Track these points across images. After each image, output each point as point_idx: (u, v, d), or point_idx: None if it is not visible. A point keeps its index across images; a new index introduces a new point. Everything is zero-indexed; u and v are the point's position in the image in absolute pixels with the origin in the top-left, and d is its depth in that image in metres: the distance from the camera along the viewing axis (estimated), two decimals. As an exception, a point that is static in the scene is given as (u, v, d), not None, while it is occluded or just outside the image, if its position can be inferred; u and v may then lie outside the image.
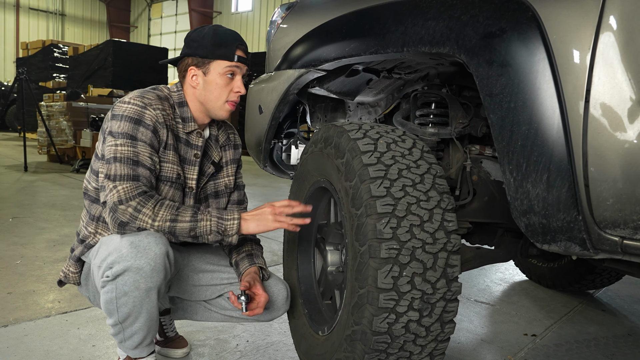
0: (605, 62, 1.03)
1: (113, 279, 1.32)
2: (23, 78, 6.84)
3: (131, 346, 1.43)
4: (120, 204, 1.34)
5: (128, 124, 1.40)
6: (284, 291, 1.62)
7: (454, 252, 1.29)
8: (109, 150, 1.39)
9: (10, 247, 3.02)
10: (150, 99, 1.46)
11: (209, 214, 1.39)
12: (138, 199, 1.34)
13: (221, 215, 1.41)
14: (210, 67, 1.49)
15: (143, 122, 1.41)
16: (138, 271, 1.31)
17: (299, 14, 1.93)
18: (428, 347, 1.31)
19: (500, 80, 1.17)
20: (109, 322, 1.40)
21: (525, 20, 1.14)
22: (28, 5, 23.93)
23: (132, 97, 1.45)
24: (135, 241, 1.33)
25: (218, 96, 1.51)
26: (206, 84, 1.50)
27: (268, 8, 20.06)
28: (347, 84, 1.88)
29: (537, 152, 1.12)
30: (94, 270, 1.44)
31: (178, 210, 1.37)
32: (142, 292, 1.33)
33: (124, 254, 1.31)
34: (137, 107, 1.43)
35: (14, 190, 5.04)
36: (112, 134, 1.40)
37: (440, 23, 1.31)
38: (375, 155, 1.33)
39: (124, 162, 1.37)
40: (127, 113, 1.42)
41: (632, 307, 2.63)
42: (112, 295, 1.34)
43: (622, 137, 1.02)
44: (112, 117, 1.43)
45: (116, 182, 1.35)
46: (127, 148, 1.39)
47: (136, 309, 1.35)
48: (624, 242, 1.06)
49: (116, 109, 1.44)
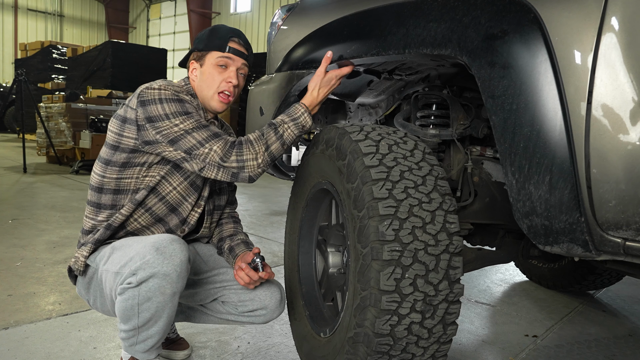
0: (607, 64, 1.03)
1: (137, 285, 1.32)
2: (22, 79, 6.84)
3: (142, 349, 1.43)
4: (224, 161, 1.43)
5: (174, 104, 1.44)
6: (278, 293, 1.62)
7: (456, 253, 1.29)
8: (170, 132, 1.42)
9: (10, 248, 3.02)
10: (179, 87, 1.52)
11: (284, 124, 1.50)
12: (235, 151, 1.43)
13: (292, 116, 1.52)
14: (206, 59, 1.56)
15: (185, 101, 1.47)
16: (165, 277, 1.33)
17: (300, 15, 1.93)
18: (430, 349, 1.31)
19: (503, 82, 1.17)
20: (123, 327, 1.40)
21: (527, 22, 1.14)
22: (26, 6, 23.91)
23: (160, 85, 1.48)
24: (161, 247, 1.34)
25: (209, 85, 1.55)
26: (202, 74, 1.56)
27: (267, 9, 20.07)
28: (348, 85, 1.88)
29: (539, 153, 1.12)
30: (106, 276, 1.42)
31: (265, 137, 1.47)
32: (167, 297, 1.35)
33: (149, 260, 1.32)
34: (171, 91, 1.47)
35: (13, 191, 5.03)
36: (161, 118, 1.42)
37: (442, 25, 1.31)
38: (377, 157, 1.33)
39: (197, 130, 1.43)
40: (165, 96, 1.45)
41: (632, 307, 2.64)
42: (133, 301, 1.34)
43: (625, 139, 1.02)
44: (145, 103, 1.44)
45: (206, 146, 1.42)
46: (189, 121, 1.44)
47: (158, 314, 1.36)
48: (626, 244, 1.06)
49: (147, 95, 1.45)
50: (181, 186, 1.53)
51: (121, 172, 1.49)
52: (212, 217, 1.67)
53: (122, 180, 1.50)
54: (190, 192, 1.56)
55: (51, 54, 12.15)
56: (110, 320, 2.04)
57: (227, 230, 1.71)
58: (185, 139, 1.42)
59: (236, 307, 1.61)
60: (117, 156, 1.48)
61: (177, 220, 1.56)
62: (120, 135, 1.47)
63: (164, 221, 1.55)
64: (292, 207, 1.84)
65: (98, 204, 1.53)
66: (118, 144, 1.48)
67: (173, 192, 1.53)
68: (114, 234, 1.52)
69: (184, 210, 1.56)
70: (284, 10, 2.05)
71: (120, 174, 1.49)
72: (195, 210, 1.59)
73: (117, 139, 1.48)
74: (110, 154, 1.50)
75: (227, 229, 1.71)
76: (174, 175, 1.52)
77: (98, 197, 1.53)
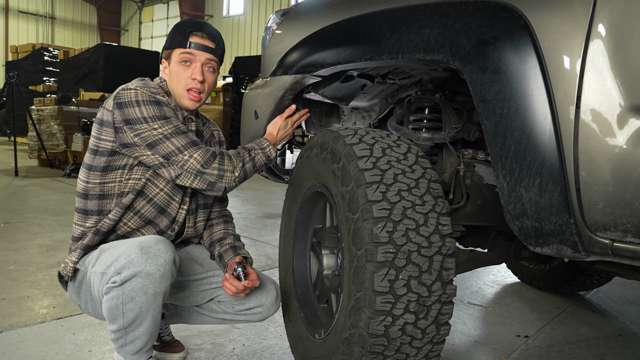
0: (595, 69, 1.06)
1: (120, 284, 1.32)
2: (13, 82, 6.80)
3: (131, 351, 1.43)
4: (205, 169, 1.45)
5: (152, 107, 1.44)
6: (274, 291, 1.63)
7: (449, 255, 1.31)
8: (149, 135, 1.42)
9: (3, 252, 3.01)
10: (154, 87, 1.51)
11: (254, 150, 1.60)
12: (217, 160, 1.47)
13: (260, 146, 1.62)
14: (172, 57, 1.55)
15: (162, 103, 1.46)
16: (147, 277, 1.32)
17: (294, 20, 1.95)
18: (424, 349, 1.33)
19: (494, 87, 1.20)
20: (111, 328, 1.40)
21: (517, 28, 1.16)
22: (17, 8, 23.74)
23: (137, 85, 1.47)
24: (146, 247, 1.34)
25: (177, 84, 1.55)
26: (170, 73, 1.56)
27: (259, 12, 20.10)
28: (342, 89, 1.90)
29: (529, 157, 1.15)
30: (93, 278, 1.43)
31: (241, 156, 1.55)
32: (149, 298, 1.34)
33: (133, 259, 1.32)
34: (147, 92, 1.46)
35: (5, 195, 5.00)
36: (139, 121, 1.42)
37: (435, 30, 1.33)
38: (371, 160, 1.35)
39: (176, 136, 1.44)
40: (142, 97, 1.44)
41: (622, 308, 2.67)
42: (118, 301, 1.33)
43: (612, 142, 1.05)
44: (122, 105, 1.43)
45: (185, 153, 1.44)
46: (168, 126, 1.44)
47: (142, 314, 1.36)
48: (614, 245, 1.08)
49: (123, 96, 1.44)
50: (167, 187, 1.54)
51: (103, 176, 1.49)
52: (196, 216, 1.65)
53: (106, 185, 1.50)
54: (176, 191, 1.56)
55: (43, 57, 12.08)
56: (104, 324, 2.04)
57: (217, 234, 1.69)
58: (163, 144, 1.43)
59: (232, 306, 1.61)
60: (97, 160, 1.48)
61: (167, 221, 1.56)
62: (98, 139, 1.47)
63: (154, 223, 1.55)
64: (286, 210, 1.85)
65: (85, 210, 1.52)
66: (97, 148, 1.48)
67: (160, 194, 1.53)
68: (104, 238, 1.52)
69: (173, 209, 1.56)
70: (279, 14, 2.07)
71: (103, 179, 1.49)
72: (182, 208, 1.59)
73: (96, 143, 1.48)
74: (91, 158, 1.50)
75: (217, 232, 1.69)
76: (159, 176, 1.52)
77: (84, 204, 1.52)
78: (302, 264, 1.81)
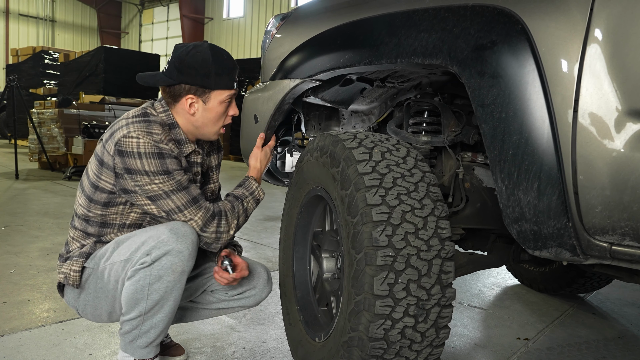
0: (593, 73, 1.07)
1: (150, 264, 1.38)
2: (13, 85, 6.81)
3: (143, 344, 1.46)
4: (204, 232, 1.49)
5: (154, 161, 1.41)
6: (264, 272, 1.69)
7: (448, 258, 1.31)
8: (150, 189, 1.42)
9: (4, 256, 3.01)
10: (157, 132, 1.44)
11: (246, 198, 1.61)
12: (214, 223, 1.49)
13: (249, 190, 1.64)
14: (211, 96, 1.51)
15: (165, 154, 1.43)
16: (178, 254, 1.39)
17: (294, 24, 1.96)
18: (423, 353, 1.33)
19: (492, 91, 1.21)
20: (128, 316, 1.43)
21: (515, 32, 1.17)
22: (18, 11, 23.77)
23: (139, 132, 1.41)
24: (174, 228, 1.41)
25: (216, 122, 1.56)
26: (206, 112, 1.52)
27: (259, 14, 20.12)
28: (341, 93, 1.90)
29: (528, 160, 1.16)
30: (113, 268, 1.45)
31: (236, 211, 1.56)
32: (177, 276, 1.40)
33: (164, 239, 1.38)
34: (151, 141, 1.41)
35: (5, 198, 5.01)
36: (141, 173, 1.40)
37: (433, 35, 1.34)
38: (370, 164, 1.36)
39: (177, 193, 1.44)
40: (145, 149, 1.40)
41: (622, 310, 2.68)
42: (145, 282, 1.39)
43: (610, 146, 1.05)
44: (124, 154, 1.40)
45: (185, 213, 1.46)
46: (170, 182, 1.43)
47: (166, 295, 1.41)
48: (612, 248, 1.09)
49: (125, 145, 1.40)
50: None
51: (105, 209, 1.51)
52: None
53: (107, 216, 1.52)
54: None
55: (43, 60, 12.09)
56: (105, 327, 2.05)
57: None
58: (164, 200, 1.44)
59: (225, 292, 1.65)
60: (97, 195, 1.49)
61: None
62: (98, 177, 1.47)
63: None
64: (286, 213, 1.86)
65: (85, 232, 1.54)
66: (97, 184, 1.48)
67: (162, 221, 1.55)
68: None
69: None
70: (278, 18, 2.08)
71: (104, 211, 1.51)
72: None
73: (96, 179, 1.48)
74: (92, 192, 1.50)
75: None
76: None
77: (84, 227, 1.54)
78: (302, 267, 1.81)
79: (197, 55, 1.47)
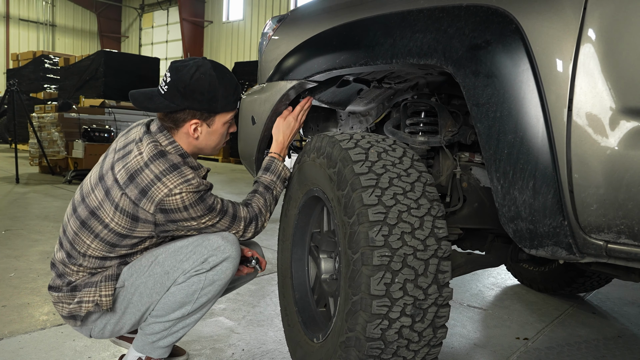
0: (587, 72, 1.07)
1: (208, 270, 1.43)
2: (14, 89, 6.83)
3: (167, 343, 1.51)
4: (244, 235, 1.57)
5: (199, 207, 1.43)
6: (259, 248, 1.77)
7: (445, 258, 1.32)
8: (198, 227, 1.47)
9: (4, 259, 3.02)
10: (190, 174, 1.42)
11: (274, 184, 1.67)
12: (252, 226, 1.57)
13: (276, 174, 1.69)
14: (216, 119, 1.51)
15: (204, 194, 1.45)
16: (233, 260, 1.47)
17: (290, 26, 1.97)
18: (421, 352, 1.33)
19: (486, 91, 1.21)
20: (165, 319, 1.46)
21: (509, 32, 1.18)
22: (18, 16, 23.84)
23: (180, 187, 1.39)
24: (224, 236, 1.49)
25: (219, 141, 1.57)
26: (209, 134, 1.52)
27: (259, 17, 20.16)
28: (338, 94, 1.91)
29: (523, 159, 1.16)
30: (150, 280, 1.45)
31: (267, 205, 1.63)
32: (227, 279, 1.49)
33: (220, 247, 1.45)
34: (193, 190, 1.41)
35: (5, 202, 5.02)
36: (188, 220, 1.44)
37: (428, 35, 1.34)
38: (366, 165, 1.36)
39: (220, 221, 1.49)
40: (190, 201, 1.41)
41: (622, 309, 2.67)
42: (198, 286, 1.44)
43: (604, 144, 1.06)
44: (169, 212, 1.40)
45: (229, 231, 1.53)
46: (214, 216, 1.48)
47: (213, 298, 1.49)
48: (608, 246, 1.09)
49: (170, 204, 1.39)
50: None
51: (133, 248, 1.50)
52: None
53: (133, 250, 1.51)
54: None
55: (43, 64, 12.13)
56: (104, 330, 2.05)
57: None
58: (210, 229, 1.50)
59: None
60: (127, 241, 1.47)
61: None
62: (131, 230, 1.44)
63: None
64: (284, 215, 1.86)
65: (102, 267, 1.50)
66: (129, 234, 1.45)
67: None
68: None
69: None
70: (275, 20, 2.08)
71: (131, 250, 1.50)
72: None
73: (128, 232, 1.44)
74: (118, 239, 1.45)
75: None
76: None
77: (100, 264, 1.49)
78: (301, 268, 1.82)
79: (202, 80, 1.43)
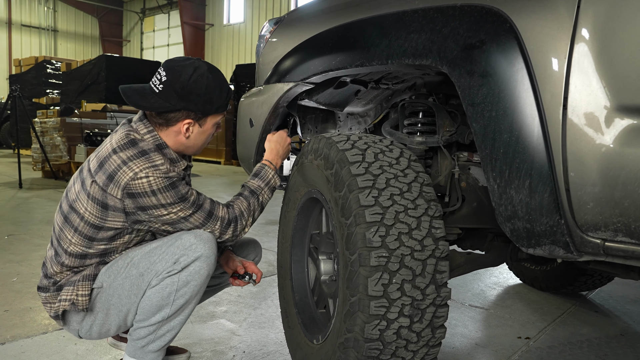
0: (581, 71, 1.07)
1: (179, 271, 1.40)
2: (16, 95, 6.86)
3: (156, 347, 1.48)
4: (221, 238, 1.52)
5: (169, 192, 1.41)
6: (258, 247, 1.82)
7: (443, 258, 1.31)
8: (169, 218, 1.44)
9: (6, 264, 3.03)
10: (160, 161, 1.42)
11: (261, 190, 1.64)
12: (230, 229, 1.53)
13: (265, 180, 1.66)
14: (208, 119, 1.53)
15: (175, 181, 1.43)
16: (206, 259, 1.43)
17: (287, 28, 1.97)
18: (420, 353, 1.33)
19: (482, 90, 1.21)
20: (146, 323, 1.44)
21: (504, 31, 1.18)
22: (20, 22, 23.97)
23: (146, 170, 1.39)
24: (197, 234, 1.45)
25: (206, 139, 1.58)
26: (199, 134, 1.53)
27: (260, 19, 20.19)
28: (336, 95, 1.91)
29: (519, 158, 1.16)
30: (126, 282, 1.43)
31: (250, 209, 1.59)
32: (203, 279, 1.44)
33: (191, 246, 1.41)
34: (161, 175, 1.40)
35: (9, 207, 5.04)
36: (157, 207, 1.41)
37: (423, 36, 1.35)
38: (363, 166, 1.36)
39: (194, 215, 1.46)
40: (158, 186, 1.39)
41: (624, 307, 2.66)
42: (172, 288, 1.41)
43: (600, 142, 1.05)
44: (136, 196, 1.38)
45: (204, 228, 1.49)
46: (187, 207, 1.45)
47: (191, 299, 1.45)
48: (605, 244, 1.09)
49: (136, 188, 1.38)
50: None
51: (110, 242, 1.48)
52: None
53: (112, 246, 1.49)
54: None
55: (45, 69, 12.16)
56: (106, 333, 2.05)
57: None
58: (183, 224, 1.47)
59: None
60: (102, 234, 1.46)
61: None
62: (102, 219, 1.43)
63: None
64: (284, 216, 1.86)
65: (82, 265, 1.50)
66: (102, 225, 1.44)
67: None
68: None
69: None
70: (272, 22, 2.09)
71: (109, 244, 1.48)
72: None
73: (100, 222, 1.43)
74: (94, 232, 1.45)
75: None
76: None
77: (80, 262, 1.49)
78: (300, 270, 1.82)
79: (200, 81, 1.45)
